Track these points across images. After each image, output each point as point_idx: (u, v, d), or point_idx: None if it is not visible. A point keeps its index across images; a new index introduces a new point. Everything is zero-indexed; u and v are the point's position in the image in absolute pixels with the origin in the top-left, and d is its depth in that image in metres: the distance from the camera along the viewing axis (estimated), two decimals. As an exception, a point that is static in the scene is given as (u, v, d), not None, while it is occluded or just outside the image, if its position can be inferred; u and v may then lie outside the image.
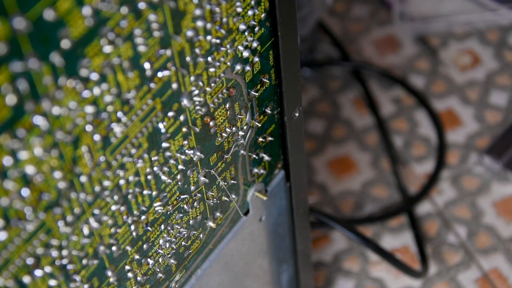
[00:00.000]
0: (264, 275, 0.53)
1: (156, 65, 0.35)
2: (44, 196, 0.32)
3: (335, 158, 0.76)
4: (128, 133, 0.35)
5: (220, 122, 0.41)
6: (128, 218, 0.38)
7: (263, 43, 0.41)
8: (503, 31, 0.83)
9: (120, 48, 0.32)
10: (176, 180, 0.40)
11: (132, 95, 0.34)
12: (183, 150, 0.39)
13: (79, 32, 0.30)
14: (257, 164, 0.46)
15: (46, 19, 0.29)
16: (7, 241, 0.32)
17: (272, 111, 0.44)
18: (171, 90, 0.36)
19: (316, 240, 0.71)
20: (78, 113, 0.32)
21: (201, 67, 0.37)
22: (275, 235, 0.51)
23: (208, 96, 0.39)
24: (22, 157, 0.31)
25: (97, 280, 0.38)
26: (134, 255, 0.40)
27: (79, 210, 0.35)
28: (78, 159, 0.33)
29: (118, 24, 0.32)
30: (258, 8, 0.39)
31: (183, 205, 0.41)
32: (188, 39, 0.36)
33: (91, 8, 0.30)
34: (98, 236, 0.37)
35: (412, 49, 0.83)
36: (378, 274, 0.70)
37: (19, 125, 0.30)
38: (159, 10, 0.33)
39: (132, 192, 0.37)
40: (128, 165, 0.36)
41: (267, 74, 0.42)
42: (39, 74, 0.29)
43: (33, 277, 0.34)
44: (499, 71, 0.80)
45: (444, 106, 0.79)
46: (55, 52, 0.30)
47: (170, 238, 0.42)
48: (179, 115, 0.38)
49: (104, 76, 0.32)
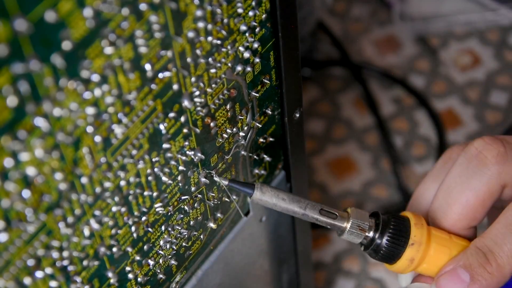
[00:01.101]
0: (264, 275, 0.53)
1: (157, 66, 0.35)
2: (45, 198, 0.32)
3: (335, 158, 0.76)
4: (129, 134, 0.35)
5: (220, 123, 0.41)
6: (128, 219, 0.38)
7: (264, 44, 0.41)
8: (503, 31, 0.83)
9: (121, 50, 0.32)
10: (177, 181, 0.40)
11: (133, 96, 0.34)
12: (183, 151, 0.39)
13: (80, 33, 0.30)
14: (257, 165, 0.46)
15: (48, 21, 0.29)
16: (8, 242, 0.32)
17: (273, 111, 0.44)
18: (172, 91, 0.36)
19: (316, 240, 0.71)
20: (79, 114, 0.32)
21: (202, 68, 0.37)
22: (276, 236, 0.51)
23: (209, 97, 0.39)
24: (23, 158, 0.31)
25: (97, 281, 0.38)
26: (134, 256, 0.40)
27: (80, 211, 0.35)
28: (79, 160, 0.33)
29: (119, 26, 0.32)
30: (259, 9, 0.39)
31: (183, 206, 0.41)
32: (189, 40, 0.36)
33: (92, 9, 0.30)
34: (98, 237, 0.37)
35: (412, 49, 0.83)
36: (378, 274, 0.70)
37: (20, 127, 0.30)
38: (160, 11, 0.33)
39: (133, 193, 0.37)
40: (129, 166, 0.36)
41: (268, 75, 0.42)
42: (40, 76, 0.29)
43: (34, 278, 0.34)
44: (499, 71, 0.80)
45: (444, 106, 0.79)
46: (56, 53, 0.30)
47: (171, 239, 0.42)
48: (180, 116, 0.37)
49: (105, 78, 0.32)
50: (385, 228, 0.42)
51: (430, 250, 0.42)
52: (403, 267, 0.43)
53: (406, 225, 0.42)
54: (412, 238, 0.42)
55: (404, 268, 0.43)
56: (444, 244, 0.43)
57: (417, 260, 0.42)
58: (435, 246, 0.42)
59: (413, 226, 0.42)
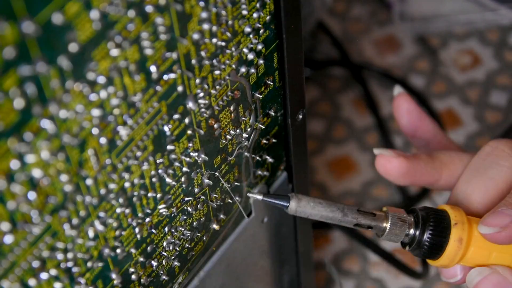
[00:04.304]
0: (266, 276, 0.53)
1: (162, 68, 0.35)
2: (51, 199, 0.32)
3: (335, 158, 0.76)
4: (134, 136, 0.35)
5: (224, 124, 0.41)
6: (132, 220, 0.38)
7: (268, 45, 0.41)
8: (503, 31, 0.83)
9: (127, 51, 0.32)
10: (181, 183, 0.40)
11: (138, 98, 0.34)
12: (187, 153, 0.39)
13: (86, 35, 0.30)
14: (260, 166, 0.46)
15: (55, 23, 0.29)
16: (14, 244, 0.32)
17: (276, 113, 0.44)
18: (177, 93, 0.36)
19: (316, 240, 0.71)
20: (85, 116, 0.32)
21: (207, 69, 0.37)
22: (277, 237, 0.51)
23: (213, 99, 0.39)
24: (29, 160, 0.31)
25: (101, 283, 0.38)
26: (138, 257, 0.40)
27: (85, 213, 0.35)
28: (84, 162, 0.33)
29: (125, 28, 0.32)
30: (263, 10, 0.39)
31: (187, 207, 0.41)
32: (194, 42, 0.36)
33: (98, 11, 0.30)
34: (103, 238, 0.37)
35: (412, 49, 0.83)
36: (378, 274, 0.70)
37: (27, 129, 0.30)
38: (165, 13, 0.33)
39: (137, 195, 0.37)
40: (133, 168, 0.36)
41: (271, 76, 0.42)
42: (46, 78, 0.29)
43: (38, 280, 0.34)
44: (499, 71, 0.80)
45: (444, 106, 0.79)
46: (63, 55, 0.30)
47: (174, 240, 0.42)
48: (184, 118, 0.38)
49: (110, 79, 0.32)
50: (426, 222, 0.42)
51: (474, 231, 0.42)
52: (453, 252, 0.42)
53: (445, 216, 0.42)
54: (454, 219, 0.42)
55: (454, 254, 0.42)
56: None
57: (465, 241, 0.41)
58: (476, 227, 0.42)
59: (451, 211, 0.42)
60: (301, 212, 0.41)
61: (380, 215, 0.42)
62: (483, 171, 0.43)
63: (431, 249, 0.42)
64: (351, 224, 0.41)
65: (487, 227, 0.41)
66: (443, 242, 0.42)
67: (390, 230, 0.42)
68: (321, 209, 0.41)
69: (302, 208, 0.40)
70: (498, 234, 0.41)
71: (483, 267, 0.43)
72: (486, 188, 0.43)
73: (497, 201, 0.43)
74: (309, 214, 0.41)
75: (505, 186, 0.43)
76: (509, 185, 0.43)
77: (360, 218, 0.41)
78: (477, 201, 0.43)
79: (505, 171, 0.43)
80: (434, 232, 0.42)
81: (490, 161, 0.44)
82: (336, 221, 0.41)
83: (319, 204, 0.41)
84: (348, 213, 0.41)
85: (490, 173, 0.43)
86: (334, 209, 0.41)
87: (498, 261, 0.43)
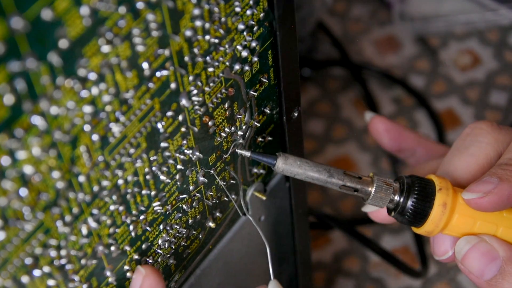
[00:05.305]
0: (263, 275, 0.53)
1: (155, 65, 0.35)
2: (43, 196, 0.32)
3: (335, 158, 0.76)
4: (127, 133, 0.35)
5: (219, 121, 0.41)
6: (127, 218, 0.38)
7: (262, 42, 0.40)
8: (503, 31, 0.83)
9: (118, 48, 0.32)
10: (175, 180, 0.40)
11: (130, 94, 0.34)
12: (182, 150, 0.39)
13: (77, 31, 0.30)
14: (256, 164, 0.46)
15: (44, 19, 0.29)
16: (6, 241, 0.32)
17: (271, 110, 0.44)
18: (170, 90, 0.36)
19: (316, 240, 0.71)
20: (76, 113, 0.32)
21: (200, 66, 0.37)
22: (275, 235, 0.51)
23: (207, 96, 0.39)
24: (20, 157, 0.31)
25: (95, 280, 0.38)
26: (133, 255, 0.40)
27: (78, 210, 0.35)
28: (77, 159, 0.33)
29: (116, 24, 0.32)
30: (257, 7, 0.39)
31: (182, 205, 0.41)
32: (186, 39, 0.36)
33: (89, 7, 0.30)
34: (96, 236, 0.37)
35: (412, 49, 0.83)
36: (378, 274, 0.70)
37: (17, 125, 0.30)
38: (157, 9, 0.33)
39: (131, 192, 0.37)
40: (126, 165, 0.36)
41: (266, 74, 0.42)
42: (37, 74, 0.29)
43: (31, 277, 0.34)
44: (499, 71, 0.80)
45: (444, 106, 0.79)
46: (53, 51, 0.30)
47: (169, 238, 0.42)
48: (177, 115, 0.37)
49: (102, 76, 0.32)
50: (411, 187, 0.42)
51: (459, 198, 0.42)
52: (437, 216, 0.42)
53: (430, 183, 0.42)
54: (438, 185, 0.42)
55: (438, 219, 0.42)
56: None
57: (449, 206, 0.41)
58: (461, 196, 0.42)
59: (436, 178, 0.42)
60: (288, 170, 0.41)
61: (367, 179, 0.42)
62: (463, 149, 0.44)
63: (416, 214, 0.42)
64: (337, 186, 0.41)
65: (470, 193, 0.41)
66: (428, 207, 0.42)
67: (375, 194, 0.42)
68: (307, 168, 0.41)
69: (288, 166, 0.41)
70: (481, 200, 0.41)
71: (470, 236, 0.43)
72: (468, 164, 0.44)
73: (479, 176, 0.43)
74: (296, 173, 0.41)
75: (486, 161, 0.44)
76: (489, 160, 0.44)
77: (346, 180, 0.41)
78: (460, 177, 0.44)
79: (484, 147, 0.44)
80: (419, 197, 0.42)
81: (470, 140, 0.44)
82: (322, 182, 0.41)
83: (305, 163, 0.41)
84: (334, 174, 0.41)
85: (470, 150, 0.44)
86: (320, 169, 0.41)
87: (483, 230, 0.43)
